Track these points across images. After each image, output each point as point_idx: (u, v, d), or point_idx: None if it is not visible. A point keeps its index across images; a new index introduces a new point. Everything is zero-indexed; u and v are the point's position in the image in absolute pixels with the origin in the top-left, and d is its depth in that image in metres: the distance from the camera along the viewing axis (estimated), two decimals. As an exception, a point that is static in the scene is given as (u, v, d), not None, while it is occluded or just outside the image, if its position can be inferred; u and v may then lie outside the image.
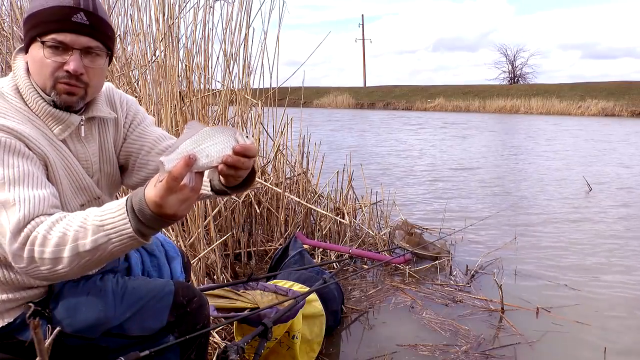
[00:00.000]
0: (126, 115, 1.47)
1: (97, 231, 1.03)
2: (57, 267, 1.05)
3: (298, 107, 4.14)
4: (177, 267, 1.67)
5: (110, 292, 1.37)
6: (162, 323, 1.40)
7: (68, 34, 1.18)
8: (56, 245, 1.04)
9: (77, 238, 1.04)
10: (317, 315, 2.40)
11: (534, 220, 5.34)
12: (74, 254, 1.04)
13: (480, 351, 2.51)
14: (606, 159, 10.71)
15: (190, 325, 1.44)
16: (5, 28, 3.66)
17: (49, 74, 1.20)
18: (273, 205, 3.80)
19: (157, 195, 0.98)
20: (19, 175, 1.10)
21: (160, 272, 1.62)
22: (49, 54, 1.19)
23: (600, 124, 22.29)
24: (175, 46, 3.24)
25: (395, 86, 45.17)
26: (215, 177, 1.29)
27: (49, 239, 1.04)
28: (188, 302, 1.44)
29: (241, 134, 1.06)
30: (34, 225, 1.06)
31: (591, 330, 2.80)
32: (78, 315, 1.32)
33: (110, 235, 1.03)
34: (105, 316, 1.34)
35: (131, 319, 1.37)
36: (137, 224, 1.03)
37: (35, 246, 1.04)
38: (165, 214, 1.00)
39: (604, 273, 3.75)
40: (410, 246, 3.84)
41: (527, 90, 37.62)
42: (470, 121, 24.07)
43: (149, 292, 1.41)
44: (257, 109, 3.84)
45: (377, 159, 10.14)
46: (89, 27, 1.20)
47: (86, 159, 1.34)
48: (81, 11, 1.19)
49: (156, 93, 3.19)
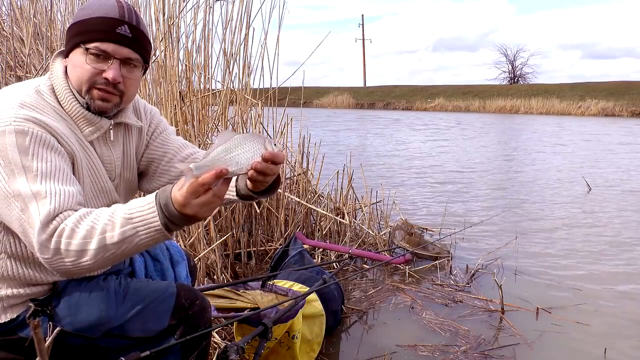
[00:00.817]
0: (149, 124, 1.53)
1: (125, 224, 1.08)
2: (81, 259, 1.09)
3: (298, 107, 4.14)
4: (182, 271, 1.67)
5: (112, 292, 1.38)
6: (163, 325, 1.40)
7: (111, 44, 1.25)
8: (84, 238, 1.08)
9: (104, 230, 1.08)
10: (317, 315, 2.40)
11: (534, 220, 5.34)
12: (101, 246, 1.08)
13: (480, 351, 2.51)
14: (606, 159, 10.72)
15: (192, 328, 1.44)
16: (5, 28, 3.66)
17: (87, 78, 1.26)
18: (273, 205, 3.80)
19: (182, 195, 1.05)
20: (51, 169, 1.14)
21: (164, 277, 1.62)
22: (91, 60, 1.25)
23: (601, 124, 22.29)
24: (175, 46, 3.24)
25: (395, 86, 45.19)
26: (242, 183, 1.34)
27: (76, 231, 1.08)
28: (190, 304, 1.45)
29: (270, 141, 1.12)
30: (62, 218, 1.10)
31: (591, 330, 2.80)
32: (80, 314, 1.32)
33: (138, 228, 1.08)
34: (107, 316, 1.34)
35: (132, 320, 1.37)
36: (164, 218, 1.09)
37: (62, 238, 1.08)
38: (186, 213, 1.07)
39: (604, 273, 3.75)
40: (410, 246, 3.84)
41: (527, 90, 37.65)
42: (470, 121, 24.07)
43: (151, 293, 1.42)
44: (257, 109, 3.83)
45: (377, 159, 10.14)
46: (131, 39, 1.27)
47: (110, 162, 1.38)
48: (125, 24, 1.26)
49: (156, 93, 3.19)
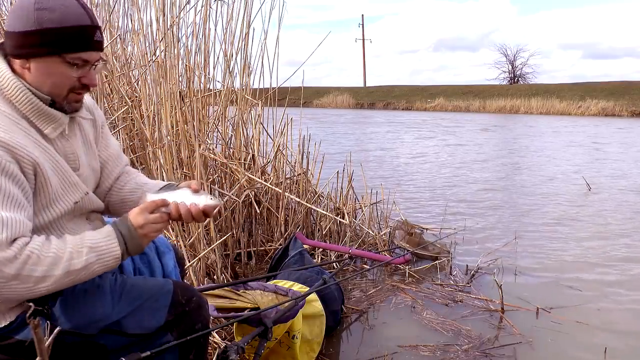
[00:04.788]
0: (97, 117, 1.55)
1: (89, 252, 1.22)
2: (40, 285, 1.16)
3: (298, 107, 4.14)
4: (170, 262, 1.68)
5: (108, 289, 1.39)
6: (160, 321, 1.41)
7: (92, 52, 1.30)
8: (49, 265, 1.16)
9: (71, 258, 1.19)
10: (317, 315, 2.40)
11: (534, 220, 5.34)
12: (65, 272, 1.18)
13: (481, 351, 2.51)
14: (606, 159, 10.71)
15: (189, 325, 1.45)
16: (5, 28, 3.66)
17: (70, 86, 1.30)
18: (273, 205, 3.80)
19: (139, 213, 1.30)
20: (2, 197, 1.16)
21: (151, 268, 1.63)
22: (73, 69, 1.28)
23: (601, 124, 22.29)
24: (175, 46, 3.24)
25: (395, 86, 45.14)
26: None
27: (42, 258, 1.16)
28: (187, 301, 1.46)
29: (209, 197, 1.40)
30: (21, 245, 1.14)
31: (591, 330, 2.80)
32: (76, 312, 1.33)
33: (101, 256, 1.24)
34: (103, 312, 1.35)
35: (129, 317, 1.38)
36: (123, 246, 1.27)
37: (27, 265, 1.14)
38: (141, 233, 1.29)
39: (604, 273, 3.75)
40: (410, 246, 3.84)
41: (527, 90, 37.60)
42: (470, 121, 24.07)
43: (147, 290, 1.43)
44: (257, 109, 3.84)
45: (378, 158, 10.14)
46: (102, 42, 1.34)
47: (72, 152, 1.38)
48: (97, 29, 1.30)
49: (156, 93, 3.18)
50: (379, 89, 45.33)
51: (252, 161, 3.83)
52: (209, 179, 3.37)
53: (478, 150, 12.10)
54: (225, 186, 3.62)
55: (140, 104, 3.39)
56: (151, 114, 3.16)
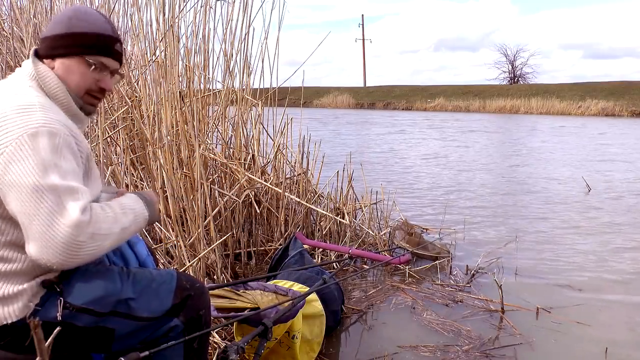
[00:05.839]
0: None
1: (131, 214, 1.43)
2: (105, 242, 1.31)
3: (298, 107, 4.14)
4: (142, 250, 1.75)
5: (117, 272, 1.49)
6: (167, 304, 1.49)
7: (110, 59, 1.50)
8: (111, 223, 1.34)
9: (122, 217, 1.39)
10: (317, 315, 2.40)
11: (534, 220, 5.34)
12: (120, 229, 1.36)
13: (482, 351, 2.51)
14: (605, 159, 10.72)
15: (194, 309, 1.54)
16: (5, 28, 3.66)
17: (87, 86, 1.48)
18: (273, 205, 3.80)
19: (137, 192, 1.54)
20: (73, 168, 1.33)
21: (124, 257, 1.69)
22: (92, 70, 1.47)
23: (601, 124, 22.29)
24: (175, 46, 3.24)
25: (395, 86, 45.13)
26: None
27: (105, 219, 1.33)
28: (191, 286, 1.56)
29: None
30: (89, 209, 1.30)
31: (591, 330, 2.80)
32: (88, 288, 1.40)
33: (137, 217, 1.44)
34: (114, 287, 1.43)
35: (138, 299, 1.45)
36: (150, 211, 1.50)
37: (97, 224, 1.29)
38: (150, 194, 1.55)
39: (604, 273, 3.75)
40: (410, 246, 3.84)
41: (527, 90, 37.59)
42: (470, 121, 24.08)
43: (153, 276, 1.53)
44: (257, 109, 3.84)
45: (378, 159, 10.14)
46: (122, 55, 1.55)
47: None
48: (118, 42, 1.52)
49: (156, 93, 3.18)
50: (379, 89, 45.33)
51: (252, 161, 3.83)
52: (209, 179, 3.37)
53: (478, 150, 12.10)
54: (225, 186, 3.62)
55: (140, 104, 3.39)
56: (151, 114, 3.16)
